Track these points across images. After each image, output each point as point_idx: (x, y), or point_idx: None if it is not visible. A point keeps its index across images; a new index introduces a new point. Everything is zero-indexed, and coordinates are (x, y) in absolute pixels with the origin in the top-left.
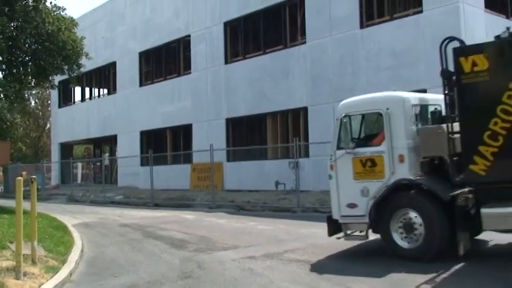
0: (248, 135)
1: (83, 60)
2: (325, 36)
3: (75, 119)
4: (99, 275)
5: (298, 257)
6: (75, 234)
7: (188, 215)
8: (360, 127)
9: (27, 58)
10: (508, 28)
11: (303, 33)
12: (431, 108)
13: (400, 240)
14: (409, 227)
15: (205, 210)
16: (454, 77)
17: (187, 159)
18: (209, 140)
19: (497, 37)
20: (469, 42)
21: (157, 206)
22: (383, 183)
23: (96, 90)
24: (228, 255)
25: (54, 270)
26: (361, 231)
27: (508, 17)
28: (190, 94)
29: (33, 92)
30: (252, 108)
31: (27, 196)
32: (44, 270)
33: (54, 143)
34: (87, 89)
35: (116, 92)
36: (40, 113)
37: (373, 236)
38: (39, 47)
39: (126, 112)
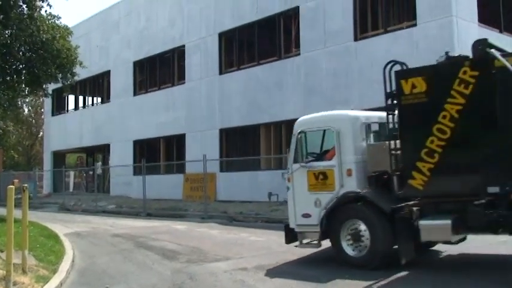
0: (241, 145)
1: (77, 69)
2: (319, 48)
3: (68, 128)
4: (90, 285)
5: (291, 269)
6: (67, 244)
7: (180, 226)
8: (314, 143)
9: (21, 66)
10: (446, 53)
11: (297, 45)
12: (380, 126)
13: (348, 248)
14: (356, 237)
15: (198, 221)
16: (395, 98)
17: (180, 169)
18: (202, 150)
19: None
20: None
21: (149, 215)
22: (333, 195)
23: (90, 98)
24: (220, 266)
25: (45, 280)
26: (314, 240)
27: (501, 31)
28: (184, 104)
29: (27, 99)
30: (245, 118)
31: (18, 204)
32: (34, 280)
33: (47, 151)
34: (80, 98)
35: (109, 101)
36: (33, 120)
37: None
38: (34, 55)
39: (120, 121)
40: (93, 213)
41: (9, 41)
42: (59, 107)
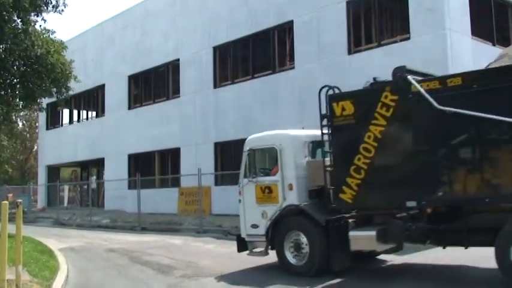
0: (236, 159)
1: (72, 83)
2: (314, 61)
3: (63, 142)
4: None
5: (286, 285)
6: (61, 259)
7: (175, 240)
8: (261, 159)
9: (15, 80)
10: (374, 78)
11: (292, 59)
12: (319, 144)
13: (291, 257)
14: (297, 246)
15: (193, 235)
16: (328, 119)
17: (175, 183)
18: (197, 164)
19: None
20: (456, 68)
21: (144, 230)
22: (277, 208)
23: (85, 112)
24: (215, 281)
25: None
26: (262, 249)
27: (494, 44)
28: (178, 118)
29: (21, 114)
30: (240, 132)
31: (13, 219)
32: None
33: (41, 165)
34: (75, 112)
35: (104, 115)
36: (28, 135)
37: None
38: (28, 70)
39: (114, 135)
40: (88, 227)
41: (3, 56)
42: (53, 121)
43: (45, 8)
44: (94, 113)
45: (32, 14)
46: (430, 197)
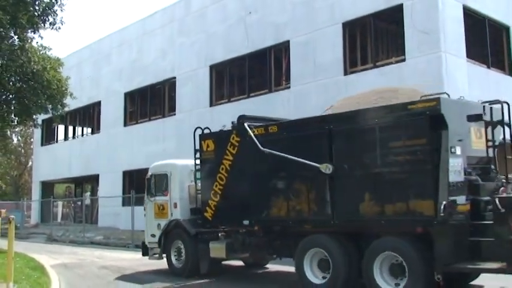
0: None
1: (68, 100)
2: (309, 81)
3: (58, 158)
4: None
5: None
6: (53, 276)
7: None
8: (159, 182)
9: (11, 96)
10: (232, 122)
11: (288, 78)
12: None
13: (174, 260)
14: (179, 252)
15: None
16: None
17: None
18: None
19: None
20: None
21: (138, 247)
22: (167, 221)
23: (80, 129)
24: None
25: None
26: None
27: (488, 67)
28: (174, 135)
29: (16, 129)
30: None
31: (5, 234)
32: None
33: (36, 181)
34: (70, 128)
35: (99, 132)
36: (22, 150)
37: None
38: (24, 86)
39: (109, 151)
40: (81, 244)
41: None
42: (48, 137)
43: (43, 25)
44: (89, 129)
45: (29, 30)
46: (257, 217)
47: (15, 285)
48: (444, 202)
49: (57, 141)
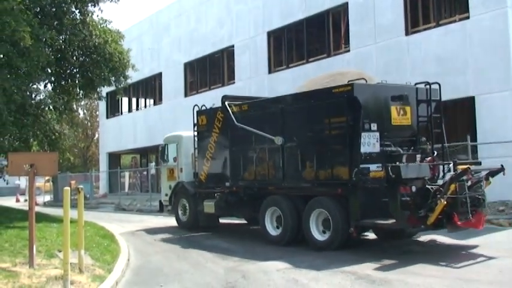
0: None
1: (130, 72)
2: (370, 44)
3: (122, 129)
4: (145, 284)
5: (346, 267)
6: (122, 243)
7: (235, 222)
8: (171, 150)
9: (74, 70)
10: (222, 99)
11: (347, 41)
12: None
13: (182, 216)
14: (184, 208)
15: None
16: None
17: None
18: None
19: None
20: None
21: None
22: (175, 183)
23: (143, 100)
24: (273, 265)
25: (101, 279)
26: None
27: None
28: None
29: (82, 103)
30: None
31: (75, 205)
32: (90, 279)
33: (102, 152)
34: (134, 100)
35: (161, 103)
36: (89, 123)
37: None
38: (87, 59)
39: (171, 122)
40: (148, 212)
41: (63, 46)
42: (113, 110)
43: None
44: (152, 101)
45: (89, 4)
46: (235, 180)
47: (86, 253)
48: (356, 169)
49: (121, 114)
